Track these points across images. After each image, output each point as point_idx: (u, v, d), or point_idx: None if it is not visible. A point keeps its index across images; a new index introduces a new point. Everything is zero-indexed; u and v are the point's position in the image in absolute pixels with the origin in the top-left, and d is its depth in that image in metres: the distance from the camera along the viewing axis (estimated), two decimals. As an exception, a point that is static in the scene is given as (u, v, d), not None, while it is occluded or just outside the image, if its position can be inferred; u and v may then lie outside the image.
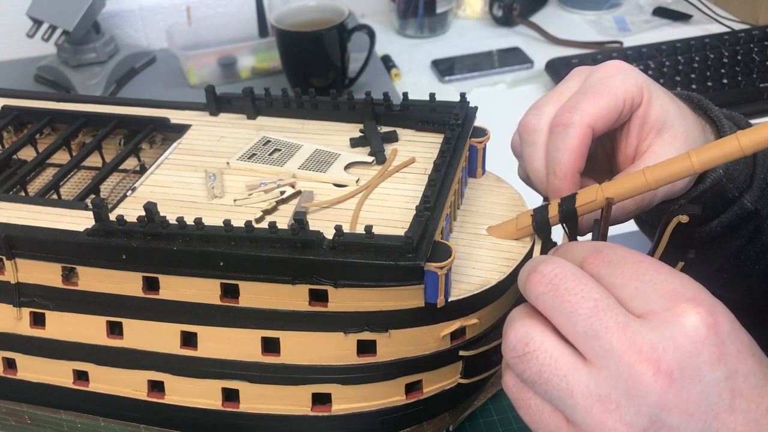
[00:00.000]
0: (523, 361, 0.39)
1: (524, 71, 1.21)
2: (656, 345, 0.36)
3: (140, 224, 0.50)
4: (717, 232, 0.62)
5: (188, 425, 0.58)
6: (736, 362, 0.36)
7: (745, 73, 1.12)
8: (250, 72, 1.20)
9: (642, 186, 0.47)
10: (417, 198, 0.52)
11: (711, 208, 0.60)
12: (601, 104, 0.51)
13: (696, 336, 0.36)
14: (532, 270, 0.40)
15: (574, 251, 0.42)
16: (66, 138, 0.65)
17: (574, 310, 0.38)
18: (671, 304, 0.37)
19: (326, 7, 1.12)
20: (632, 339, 0.36)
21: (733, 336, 0.36)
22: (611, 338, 0.37)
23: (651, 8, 1.37)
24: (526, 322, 0.39)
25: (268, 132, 0.63)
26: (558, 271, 0.39)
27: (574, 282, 0.38)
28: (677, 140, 0.53)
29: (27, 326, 0.57)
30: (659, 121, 0.53)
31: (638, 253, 0.40)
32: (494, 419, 0.64)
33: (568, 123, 0.50)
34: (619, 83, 0.51)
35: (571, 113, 0.51)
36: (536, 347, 0.39)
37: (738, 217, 0.61)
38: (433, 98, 0.62)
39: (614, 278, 0.39)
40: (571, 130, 0.50)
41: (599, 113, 0.50)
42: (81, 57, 1.17)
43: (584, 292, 0.38)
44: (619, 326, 0.37)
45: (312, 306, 0.50)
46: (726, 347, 0.36)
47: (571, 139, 0.50)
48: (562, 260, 0.40)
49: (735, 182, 0.60)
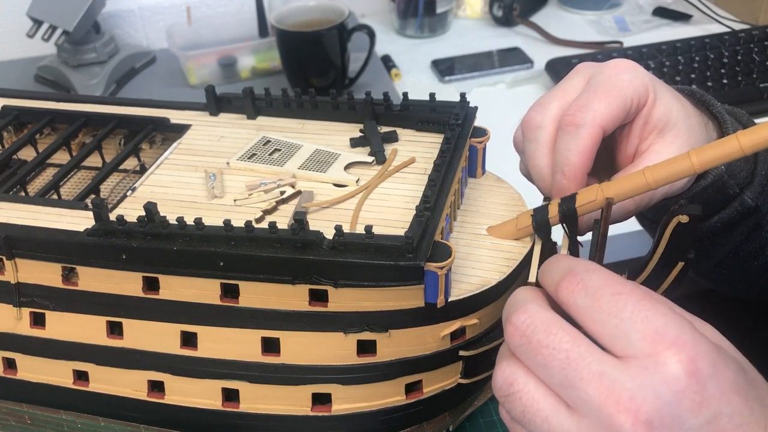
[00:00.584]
0: (509, 401, 0.39)
1: (524, 71, 1.21)
2: (635, 395, 0.35)
3: (140, 224, 0.50)
4: (717, 228, 0.62)
5: (188, 425, 0.58)
6: (720, 404, 0.35)
7: (745, 73, 1.12)
8: (250, 72, 1.20)
9: (642, 186, 0.47)
10: (417, 198, 0.52)
11: (711, 204, 0.60)
12: (612, 104, 0.50)
13: (676, 385, 0.35)
14: (507, 320, 0.40)
15: (551, 273, 0.41)
16: (66, 138, 0.66)
17: (547, 363, 0.37)
18: (653, 349, 0.36)
19: (326, 7, 1.12)
20: (610, 388, 0.36)
21: (716, 378, 0.36)
22: (587, 388, 0.36)
23: (651, 8, 1.37)
24: (511, 362, 0.39)
25: (268, 132, 0.63)
26: (529, 322, 0.38)
27: (544, 333, 0.38)
28: (679, 139, 0.53)
29: (27, 326, 0.57)
30: (662, 121, 0.52)
31: (616, 280, 0.38)
32: (494, 419, 0.64)
33: (580, 123, 0.50)
34: (628, 83, 0.51)
35: (583, 113, 0.50)
36: (520, 388, 0.39)
37: (738, 213, 0.61)
38: (433, 98, 0.62)
39: (592, 312, 0.38)
40: (584, 131, 0.49)
41: (611, 114, 0.50)
42: (81, 57, 1.17)
43: (555, 343, 0.37)
44: (594, 376, 0.36)
45: (312, 306, 0.50)
46: (708, 391, 0.35)
47: (583, 140, 0.49)
48: (535, 306, 0.39)
49: (736, 178, 0.60)
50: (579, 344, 0.37)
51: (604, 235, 0.49)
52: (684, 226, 0.48)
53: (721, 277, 0.70)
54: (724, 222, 0.61)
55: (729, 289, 0.74)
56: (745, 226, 0.63)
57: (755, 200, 0.61)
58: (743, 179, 0.60)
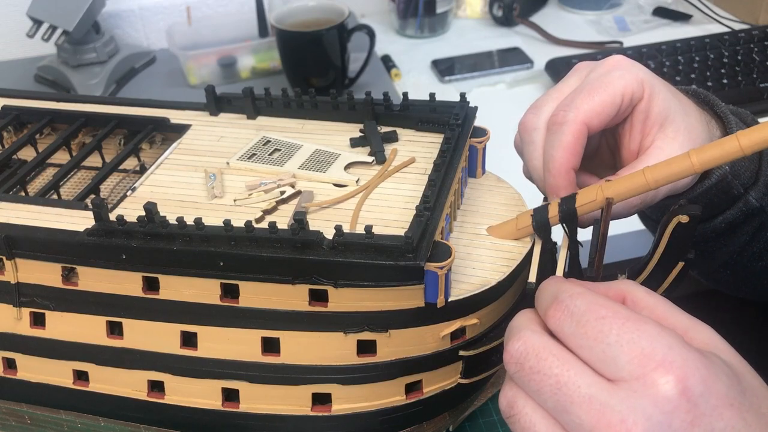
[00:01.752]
0: (510, 422, 0.40)
1: (524, 71, 1.21)
2: (626, 417, 0.35)
3: (140, 224, 0.50)
4: (721, 229, 0.62)
5: (188, 425, 0.58)
6: (711, 420, 0.36)
7: (745, 73, 1.12)
8: (250, 72, 1.20)
9: (642, 186, 0.47)
10: (417, 198, 0.52)
11: (716, 204, 0.60)
12: (596, 101, 0.51)
13: (666, 406, 0.35)
14: (504, 347, 0.41)
15: (540, 300, 0.42)
16: (66, 138, 0.66)
17: (540, 388, 0.38)
18: (641, 371, 0.36)
19: (326, 7, 1.12)
20: (601, 412, 0.36)
21: (706, 394, 0.36)
22: (579, 412, 0.37)
23: (651, 8, 1.37)
24: (512, 386, 0.40)
25: (268, 132, 0.63)
26: (522, 349, 0.39)
27: (535, 360, 0.39)
28: (680, 135, 0.53)
29: (27, 326, 0.57)
30: (661, 116, 0.53)
31: (600, 303, 0.39)
32: (494, 419, 0.64)
33: (562, 121, 0.51)
34: (618, 78, 0.51)
35: (565, 111, 0.51)
36: (518, 411, 0.40)
37: (743, 213, 0.61)
38: (433, 98, 0.62)
39: (579, 339, 0.38)
40: (566, 128, 0.51)
41: (594, 110, 0.51)
42: (81, 57, 1.17)
43: (545, 369, 0.38)
44: (585, 400, 0.37)
45: (312, 306, 0.50)
46: (699, 409, 0.35)
47: (565, 137, 0.50)
48: (528, 333, 0.40)
49: (740, 179, 0.60)
50: (569, 368, 0.38)
51: (604, 235, 0.49)
52: (684, 226, 0.48)
53: (726, 279, 0.70)
54: (729, 222, 0.61)
55: (733, 291, 0.74)
56: (749, 226, 0.62)
57: (760, 201, 0.61)
58: (748, 180, 0.60)
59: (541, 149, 0.53)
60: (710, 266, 0.68)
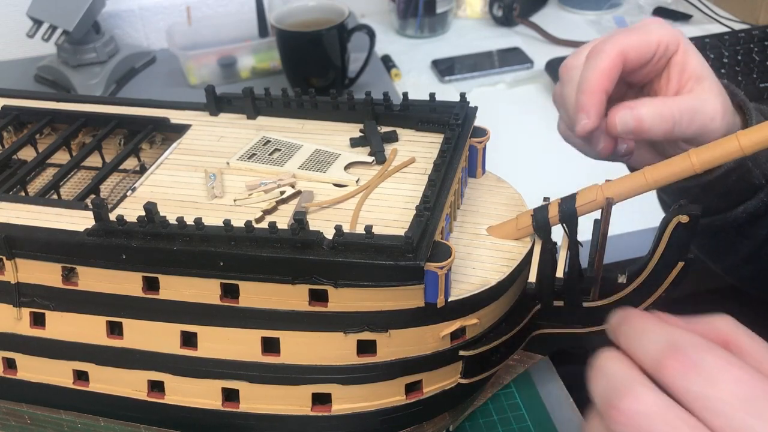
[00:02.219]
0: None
1: (524, 71, 1.21)
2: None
3: (140, 224, 0.50)
4: (743, 219, 0.62)
5: (188, 425, 0.58)
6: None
7: (745, 73, 1.12)
8: (250, 72, 1.20)
9: (642, 186, 0.47)
10: (417, 198, 0.52)
11: (736, 192, 0.60)
12: (633, 37, 0.54)
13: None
14: (610, 405, 0.33)
15: (644, 344, 0.35)
16: (66, 138, 0.65)
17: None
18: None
19: (326, 7, 1.12)
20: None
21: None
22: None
23: (651, 8, 1.37)
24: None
25: (268, 132, 0.63)
26: (644, 411, 0.33)
27: (664, 426, 0.32)
28: (715, 89, 0.55)
29: (27, 326, 0.57)
30: (697, 71, 0.55)
31: (731, 362, 0.33)
32: (494, 419, 0.64)
33: (600, 50, 0.54)
34: (655, 26, 0.55)
35: (603, 43, 0.54)
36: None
37: (765, 204, 0.61)
38: (433, 98, 0.62)
39: (713, 403, 0.32)
40: (603, 54, 0.53)
41: (630, 44, 0.54)
42: (81, 57, 1.17)
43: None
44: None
45: (312, 306, 0.50)
46: None
47: (602, 61, 0.53)
48: (643, 390, 0.33)
49: (762, 168, 0.60)
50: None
51: (604, 235, 0.49)
52: (684, 226, 0.48)
53: (749, 274, 0.68)
54: (750, 213, 0.61)
55: (757, 288, 0.71)
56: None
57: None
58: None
59: None
60: (733, 261, 0.67)
